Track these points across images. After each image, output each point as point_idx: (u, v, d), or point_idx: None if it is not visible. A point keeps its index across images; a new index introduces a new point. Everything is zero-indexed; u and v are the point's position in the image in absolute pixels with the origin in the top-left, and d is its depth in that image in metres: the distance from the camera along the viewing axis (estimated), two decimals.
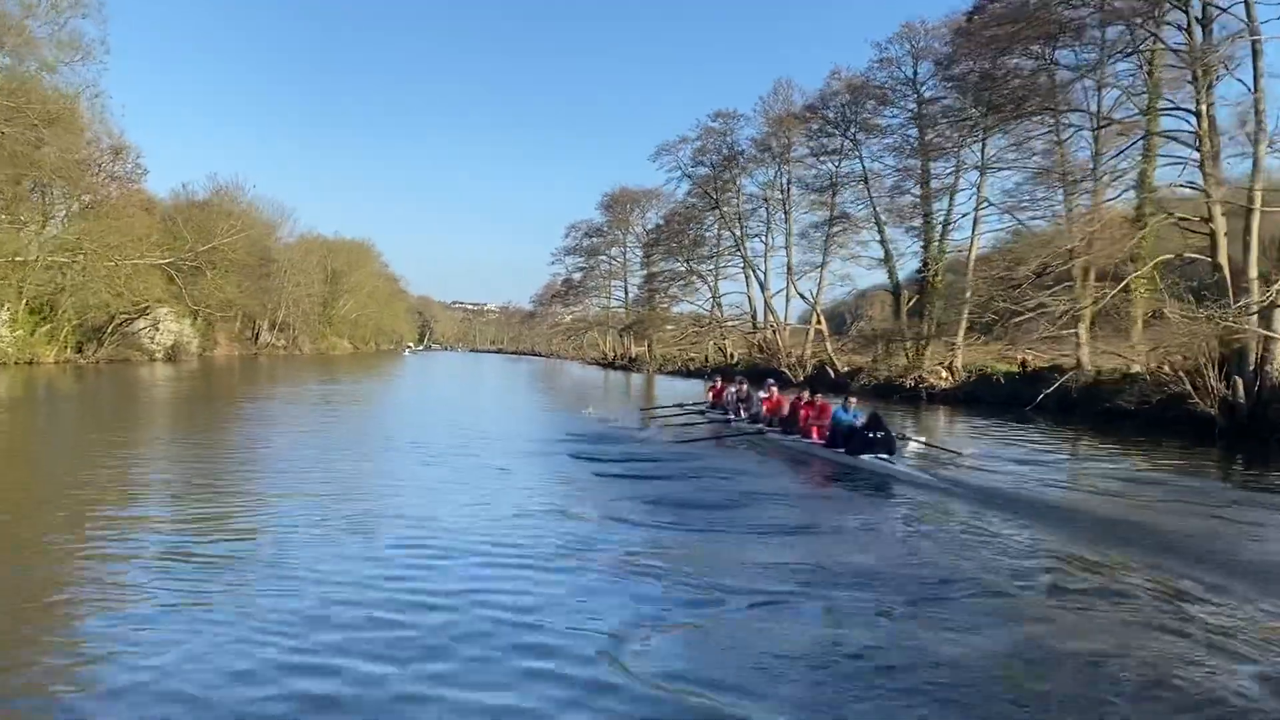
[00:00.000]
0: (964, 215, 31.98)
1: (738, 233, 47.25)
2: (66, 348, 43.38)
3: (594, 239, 75.05)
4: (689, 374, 52.05)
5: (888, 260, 34.99)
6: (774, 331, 43.77)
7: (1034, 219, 27.95)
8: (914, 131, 33.64)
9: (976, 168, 30.88)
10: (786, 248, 44.95)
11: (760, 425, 17.27)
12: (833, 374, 39.19)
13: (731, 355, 52.64)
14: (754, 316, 47.29)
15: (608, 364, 75.59)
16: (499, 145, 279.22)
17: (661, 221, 59.47)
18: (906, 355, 33.59)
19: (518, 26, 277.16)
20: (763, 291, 46.58)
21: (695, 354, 61.15)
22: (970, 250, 31.55)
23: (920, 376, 32.24)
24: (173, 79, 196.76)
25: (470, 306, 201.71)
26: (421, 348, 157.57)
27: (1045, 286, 26.03)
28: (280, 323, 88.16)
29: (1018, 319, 26.74)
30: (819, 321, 40.52)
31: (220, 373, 45.17)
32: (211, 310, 50.52)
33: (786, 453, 15.41)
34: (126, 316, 46.15)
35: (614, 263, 75.03)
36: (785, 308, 45.43)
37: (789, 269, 44.67)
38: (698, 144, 47.08)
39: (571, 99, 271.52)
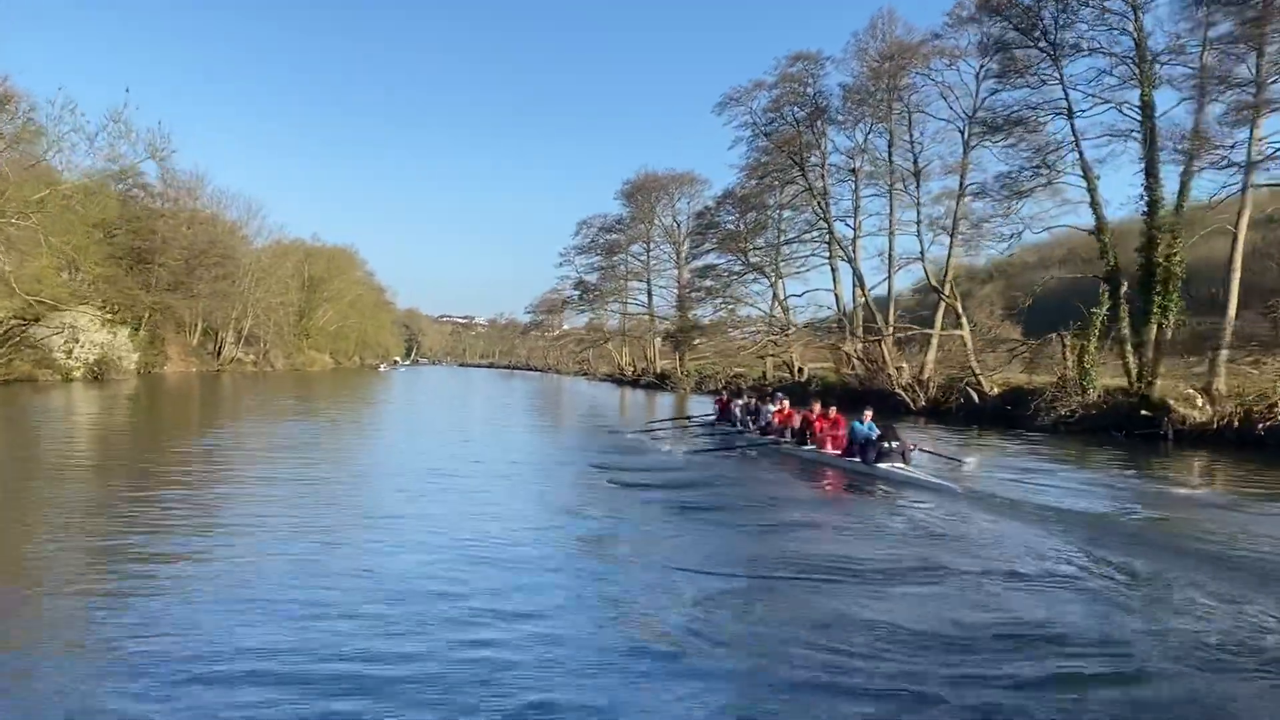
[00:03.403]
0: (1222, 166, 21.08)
1: (822, 211, 36.27)
2: None
3: (612, 234, 64.27)
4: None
5: (1101, 232, 23.96)
6: (877, 340, 32.90)
7: None
8: (1126, 45, 22.94)
9: (1250, 87, 20.26)
10: (889, 231, 34.33)
11: (773, 437, 17.13)
12: (976, 397, 28.45)
13: (801, 370, 41.82)
14: (842, 320, 36.47)
15: (629, 381, 64.19)
16: (492, 158, 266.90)
17: (711, 204, 47.91)
18: (1128, 374, 22.87)
19: (512, 38, 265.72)
20: (859, 286, 35.68)
21: (744, 368, 50.31)
22: (1241, 214, 20.89)
23: (1157, 404, 21.58)
24: (157, 79, 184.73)
25: (459, 320, 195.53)
26: (407, 362, 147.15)
27: None
28: (247, 334, 76.73)
29: None
30: (959, 322, 29.49)
31: (147, 400, 33.93)
32: (58, 301, 37.16)
33: (805, 463, 15.39)
34: (18, 323, 34.91)
35: (636, 261, 64.29)
36: (890, 308, 34.65)
37: (891, 257, 34.07)
38: (775, 92, 36.00)
39: (553, 114, 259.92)
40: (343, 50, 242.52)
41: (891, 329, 33.56)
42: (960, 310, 29.15)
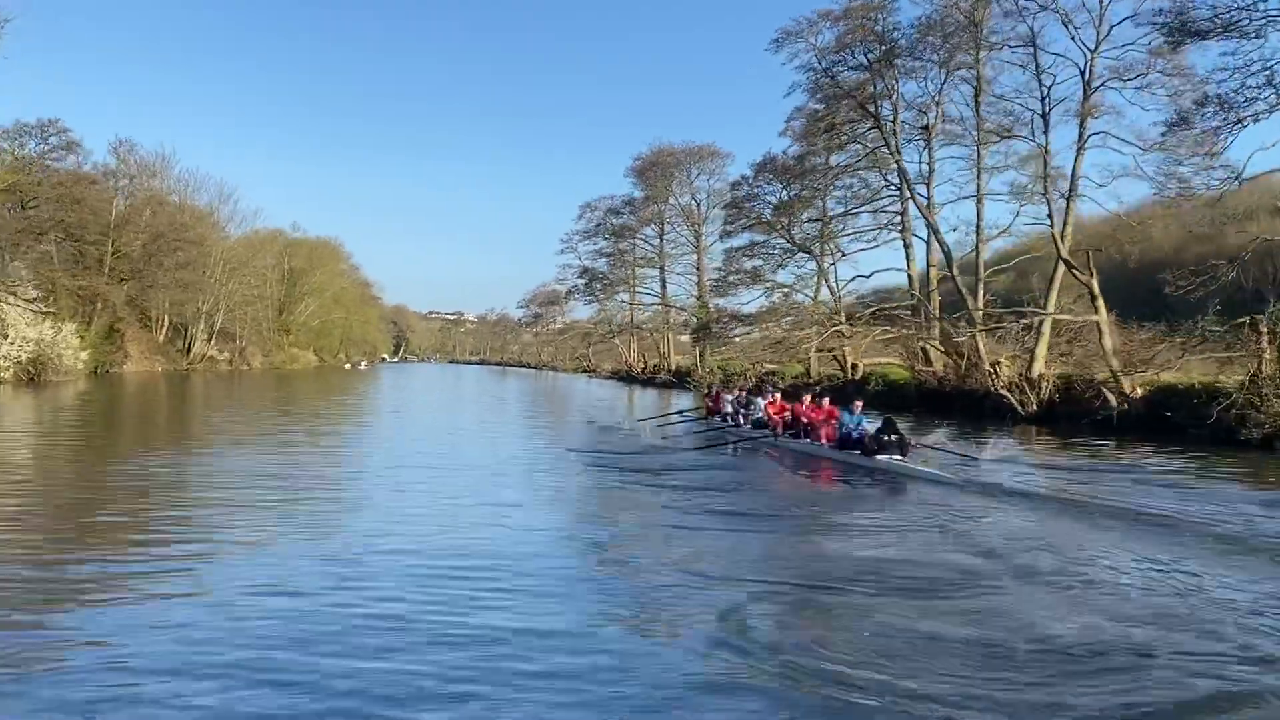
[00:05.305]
0: None
1: (897, 175, 30.17)
2: None
3: (621, 217, 58.08)
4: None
5: None
6: (974, 329, 26.84)
7: None
8: None
9: None
10: (976, 196, 28.40)
11: (766, 430, 17.05)
12: (1114, 400, 22.50)
13: (855, 367, 35.82)
14: (918, 305, 30.46)
15: (640, 379, 58.07)
16: (485, 155, 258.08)
17: (749, 173, 41.26)
18: None
19: (511, 36, 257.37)
20: (947, 264, 29.58)
21: (776, 366, 44.26)
22: None
23: None
24: (145, 75, 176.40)
25: (448, 316, 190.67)
26: (396, 359, 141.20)
27: None
28: (221, 330, 70.12)
29: None
30: (1094, 305, 23.25)
31: (60, 413, 27.74)
32: None
33: (800, 456, 15.38)
34: None
35: (649, 246, 58.11)
36: (979, 290, 28.64)
37: (979, 228, 28.03)
38: (841, 26, 29.44)
39: (552, 112, 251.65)
40: (331, 44, 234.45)
41: (982, 312, 27.52)
42: (1096, 290, 23.06)
